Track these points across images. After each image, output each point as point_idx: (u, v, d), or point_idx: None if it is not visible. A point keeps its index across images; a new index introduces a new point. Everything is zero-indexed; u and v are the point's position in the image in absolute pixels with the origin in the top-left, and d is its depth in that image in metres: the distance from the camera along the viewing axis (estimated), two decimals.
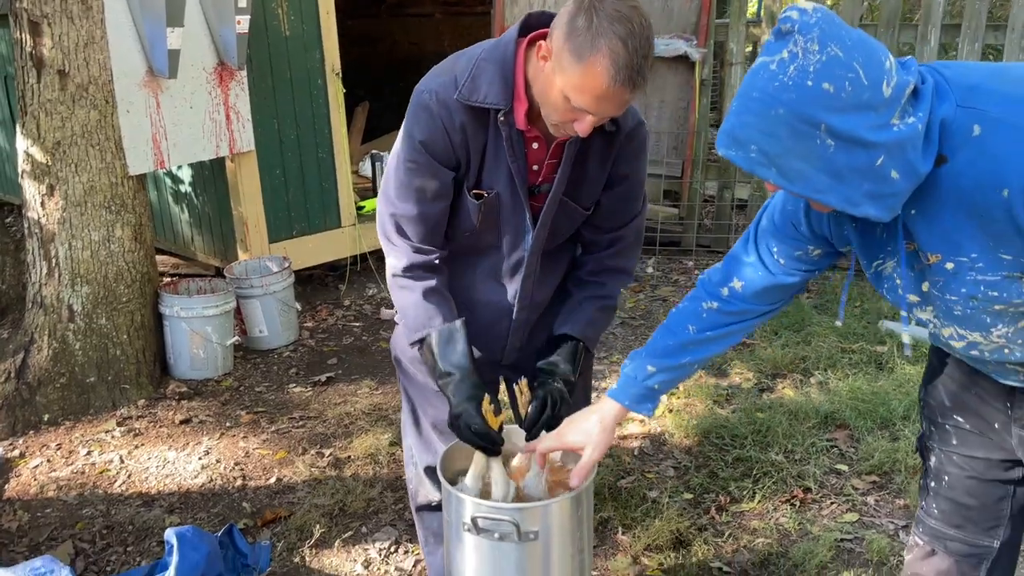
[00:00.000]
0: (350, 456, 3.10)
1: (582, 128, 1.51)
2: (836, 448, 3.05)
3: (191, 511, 2.82)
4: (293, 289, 4.20)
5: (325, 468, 3.03)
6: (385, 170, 1.78)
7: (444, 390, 1.70)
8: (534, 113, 1.61)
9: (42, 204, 3.42)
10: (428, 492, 2.02)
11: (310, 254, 4.67)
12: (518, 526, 1.56)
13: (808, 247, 1.46)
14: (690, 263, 5.27)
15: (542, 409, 1.70)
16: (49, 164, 3.37)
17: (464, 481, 1.71)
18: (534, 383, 1.78)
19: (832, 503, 2.75)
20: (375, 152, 5.59)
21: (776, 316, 4.01)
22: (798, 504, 2.74)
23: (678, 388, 3.52)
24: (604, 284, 1.89)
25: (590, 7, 1.41)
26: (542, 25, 1.60)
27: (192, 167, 4.55)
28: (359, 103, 6.71)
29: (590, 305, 1.86)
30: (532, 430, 1.70)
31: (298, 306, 4.25)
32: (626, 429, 3.23)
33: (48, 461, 3.14)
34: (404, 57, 8.18)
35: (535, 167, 1.70)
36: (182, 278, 4.31)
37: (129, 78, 3.58)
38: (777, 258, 1.49)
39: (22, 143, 3.41)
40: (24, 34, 3.30)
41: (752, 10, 7.76)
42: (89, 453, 3.18)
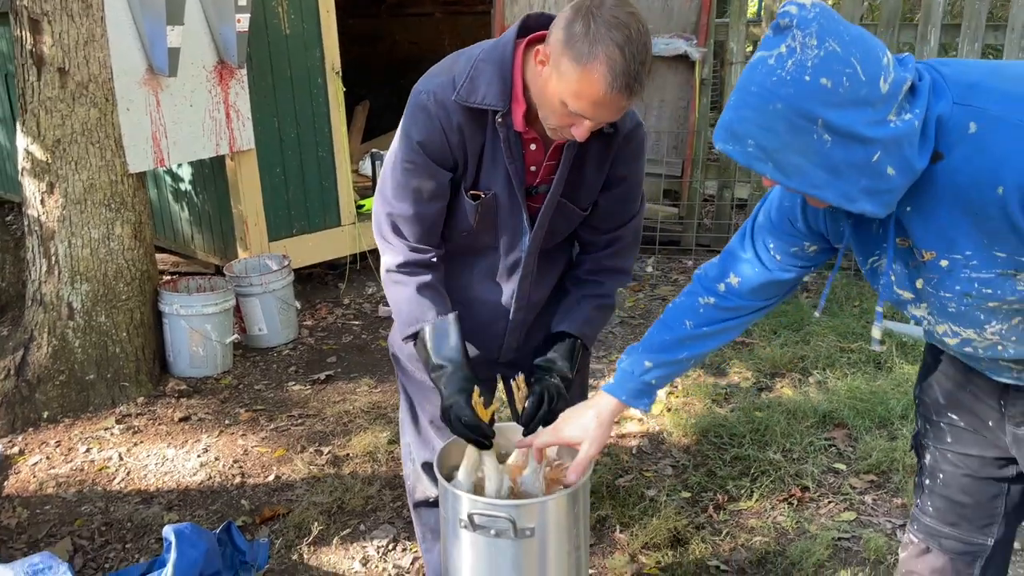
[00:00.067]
0: (349, 454, 3.10)
1: (579, 133, 1.51)
2: (834, 447, 3.05)
3: (190, 508, 2.82)
4: (292, 287, 4.21)
5: (324, 466, 3.03)
6: (382, 169, 1.78)
7: (437, 383, 1.71)
8: (532, 115, 1.61)
9: (42, 202, 3.42)
10: (426, 488, 2.03)
11: (310, 252, 4.68)
12: (514, 523, 1.56)
13: (804, 243, 1.46)
14: (690, 262, 5.27)
15: (539, 405, 1.71)
16: (49, 162, 3.38)
17: (457, 476, 1.71)
18: (531, 380, 1.79)
19: (830, 502, 2.75)
20: (375, 151, 5.60)
21: (773, 314, 4.05)
22: (796, 503, 2.74)
23: (677, 387, 3.52)
24: (602, 283, 1.89)
25: (588, 13, 1.41)
26: (541, 27, 1.59)
27: (192, 165, 4.56)
28: (359, 102, 6.71)
29: (587, 304, 1.87)
30: (529, 426, 1.71)
31: (297, 304, 4.25)
32: (625, 428, 3.24)
33: (47, 458, 3.15)
34: (404, 56, 8.18)
35: (532, 168, 1.70)
36: (182, 276, 4.32)
37: (129, 76, 3.59)
38: (773, 254, 1.50)
39: (22, 141, 3.41)
40: (24, 32, 3.30)
41: (752, 10, 7.77)
42: (88, 450, 3.19)
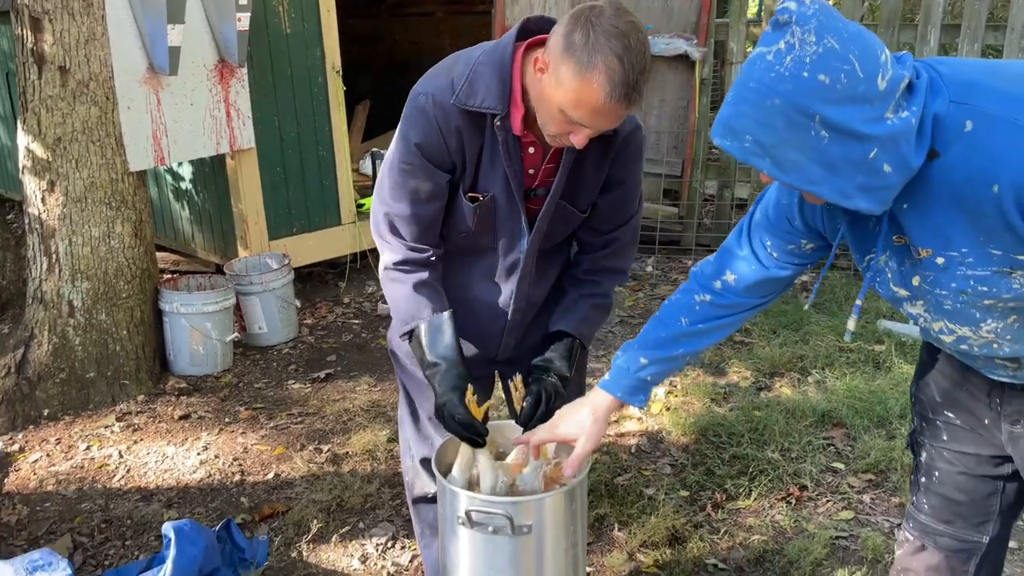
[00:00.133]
0: (348, 452, 3.11)
1: (578, 140, 1.52)
2: (832, 446, 3.06)
3: (189, 506, 2.83)
4: (293, 286, 4.21)
5: (323, 464, 3.04)
6: (380, 169, 1.78)
7: (431, 380, 1.71)
8: (531, 118, 1.61)
9: (43, 200, 3.43)
10: (424, 484, 2.03)
11: (310, 251, 4.68)
12: (512, 520, 1.57)
13: (801, 241, 1.47)
14: (689, 262, 5.27)
15: (536, 404, 1.72)
16: (50, 160, 3.38)
17: (452, 473, 1.71)
18: (529, 379, 1.79)
19: (828, 501, 2.76)
20: (375, 150, 5.61)
21: (773, 313, 4.06)
22: (794, 502, 2.75)
23: (676, 386, 3.53)
24: (599, 283, 1.90)
25: (587, 22, 1.41)
26: (540, 31, 1.59)
27: (192, 164, 4.56)
28: (359, 101, 6.72)
29: (585, 303, 1.87)
30: (527, 426, 1.71)
31: (297, 303, 4.26)
32: (624, 427, 3.24)
33: (47, 456, 3.15)
34: (404, 56, 8.19)
35: (531, 171, 1.71)
36: (182, 274, 4.32)
37: (130, 75, 3.60)
38: (770, 252, 1.50)
39: (23, 139, 3.42)
40: (25, 30, 3.31)
41: (752, 10, 7.77)
42: (88, 448, 3.20)
